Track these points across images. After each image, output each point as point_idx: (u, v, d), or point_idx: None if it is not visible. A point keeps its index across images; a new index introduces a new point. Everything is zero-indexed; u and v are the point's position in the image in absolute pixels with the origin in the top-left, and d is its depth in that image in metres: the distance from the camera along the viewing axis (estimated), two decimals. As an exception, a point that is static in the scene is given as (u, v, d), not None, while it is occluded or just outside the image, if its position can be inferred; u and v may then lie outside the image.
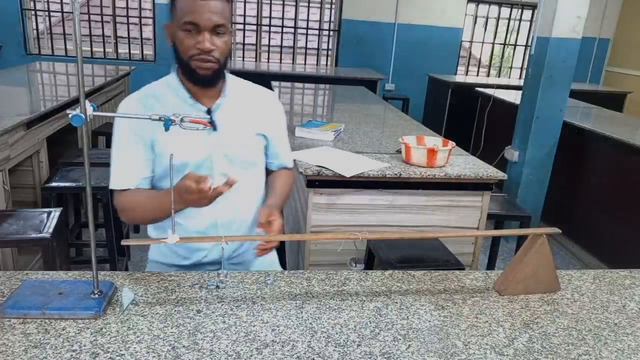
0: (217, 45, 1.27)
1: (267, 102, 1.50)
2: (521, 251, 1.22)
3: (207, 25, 1.24)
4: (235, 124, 1.38)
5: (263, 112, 1.46)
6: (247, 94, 1.46)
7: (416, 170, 2.18)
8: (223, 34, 1.27)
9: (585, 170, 3.72)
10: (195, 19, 1.24)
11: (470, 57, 7.78)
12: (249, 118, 1.41)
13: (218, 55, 1.27)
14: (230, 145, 1.37)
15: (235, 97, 1.40)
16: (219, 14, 1.24)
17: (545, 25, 3.45)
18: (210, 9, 1.23)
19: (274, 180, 1.54)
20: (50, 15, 6.49)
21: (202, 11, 1.23)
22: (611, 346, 1.02)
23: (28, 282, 1.08)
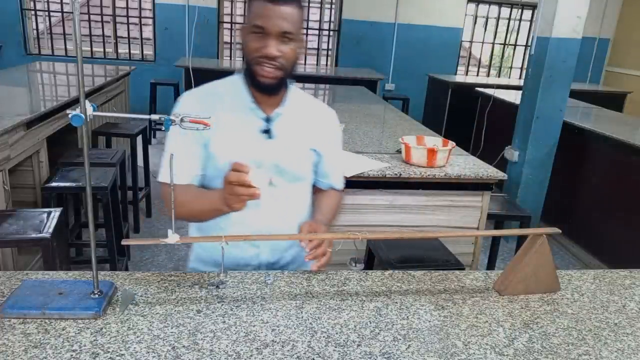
0: (283, 52, 1.23)
1: (326, 119, 1.47)
2: (521, 251, 1.22)
3: (274, 31, 1.21)
4: (291, 136, 1.35)
5: (320, 128, 1.42)
6: (307, 107, 1.43)
7: (416, 170, 2.18)
8: (291, 40, 1.23)
9: (585, 170, 3.72)
10: (264, 23, 1.21)
11: (470, 57, 7.79)
12: (305, 132, 1.38)
13: (283, 62, 1.24)
14: (282, 156, 1.34)
15: (295, 108, 1.37)
16: (288, 21, 1.21)
17: (545, 25, 3.45)
18: (280, 15, 1.20)
19: (321, 199, 1.51)
20: (50, 15, 6.49)
21: (271, 16, 1.20)
22: (611, 346, 1.02)
23: (28, 282, 1.08)
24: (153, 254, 3.21)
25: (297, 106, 1.39)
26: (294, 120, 1.37)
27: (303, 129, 1.38)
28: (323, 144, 1.43)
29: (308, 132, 1.39)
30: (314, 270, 1.24)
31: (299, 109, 1.39)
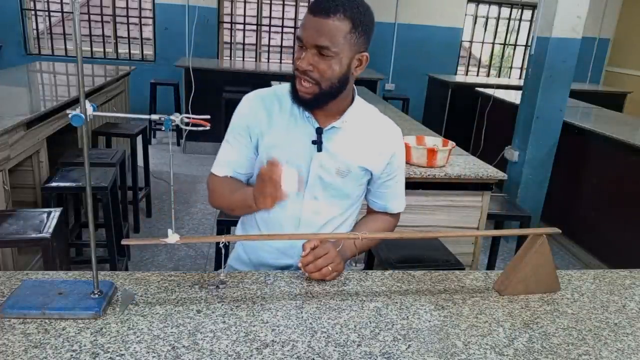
0: (319, 67, 1.17)
1: (387, 138, 1.37)
2: (521, 251, 1.22)
3: (308, 42, 1.16)
4: (341, 151, 1.30)
5: (378, 147, 1.35)
6: (368, 123, 1.35)
7: (416, 170, 2.18)
8: (330, 57, 1.16)
9: (585, 170, 3.72)
10: (302, 34, 1.17)
11: (470, 57, 7.79)
12: (358, 149, 1.32)
13: (317, 77, 1.18)
14: (328, 171, 1.30)
15: (354, 124, 1.32)
16: (324, 35, 1.14)
17: (545, 25, 3.45)
18: (317, 27, 1.14)
19: (366, 221, 1.46)
20: (50, 15, 6.49)
21: (309, 27, 1.16)
22: (611, 346, 1.02)
23: (28, 282, 1.08)
24: (153, 254, 3.21)
25: (357, 122, 1.33)
26: (350, 136, 1.31)
27: (357, 146, 1.32)
28: (378, 164, 1.35)
29: (362, 150, 1.33)
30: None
31: (358, 125, 1.33)
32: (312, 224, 1.35)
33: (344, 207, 1.38)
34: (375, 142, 1.35)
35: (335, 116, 1.30)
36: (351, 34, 1.17)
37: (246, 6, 6.85)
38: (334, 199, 1.35)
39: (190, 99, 4.91)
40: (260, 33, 7.04)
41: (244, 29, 6.94)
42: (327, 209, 1.35)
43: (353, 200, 1.40)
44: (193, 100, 4.89)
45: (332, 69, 1.18)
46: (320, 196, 1.33)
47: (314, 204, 1.34)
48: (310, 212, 1.34)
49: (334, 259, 1.20)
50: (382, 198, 1.44)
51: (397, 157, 1.40)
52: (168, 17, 6.44)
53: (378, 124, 1.38)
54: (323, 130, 1.29)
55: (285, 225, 1.35)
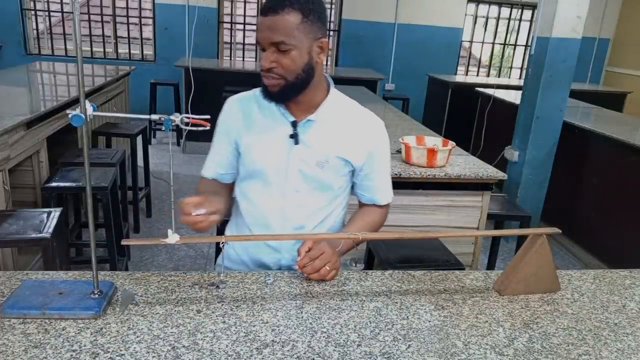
0: (281, 62, 1.21)
1: (367, 128, 1.39)
2: (521, 251, 1.22)
3: (265, 42, 1.21)
4: (318, 143, 1.32)
5: (356, 137, 1.36)
6: (346, 115, 1.37)
7: (416, 170, 2.18)
8: (288, 50, 1.20)
9: (585, 170, 3.72)
10: (258, 37, 1.22)
11: (470, 57, 7.78)
12: (336, 140, 1.34)
13: (282, 72, 1.22)
14: (306, 163, 1.32)
15: (331, 116, 1.34)
16: (277, 31, 1.18)
17: (545, 25, 3.44)
18: (270, 26, 1.19)
19: (356, 216, 1.48)
20: (50, 15, 6.49)
21: (261, 29, 1.21)
22: (611, 346, 1.02)
23: (28, 282, 1.08)
24: (153, 254, 3.21)
25: (333, 113, 1.34)
26: (327, 127, 1.33)
27: (334, 137, 1.34)
28: (358, 154, 1.36)
29: (340, 141, 1.34)
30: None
31: (335, 116, 1.34)
32: (297, 216, 1.37)
33: (327, 199, 1.40)
34: (353, 133, 1.37)
35: (311, 110, 1.33)
36: (303, 23, 1.20)
37: (246, 6, 6.85)
38: (316, 190, 1.37)
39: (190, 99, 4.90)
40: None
41: (244, 29, 6.94)
42: (310, 201, 1.37)
43: (336, 192, 1.41)
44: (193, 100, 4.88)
45: (294, 61, 1.22)
46: (303, 189, 1.35)
47: (297, 196, 1.35)
48: (294, 205, 1.36)
49: (330, 258, 1.21)
50: (368, 190, 1.46)
51: (379, 149, 1.41)
52: (168, 17, 6.44)
53: (357, 116, 1.40)
54: (298, 123, 1.32)
55: (271, 219, 1.37)
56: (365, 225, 1.45)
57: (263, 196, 1.36)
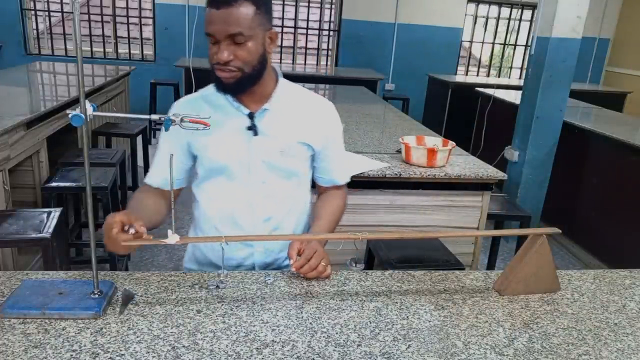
0: (237, 54, 1.20)
1: (320, 112, 1.42)
2: (521, 251, 1.22)
3: (222, 36, 1.19)
4: (278, 131, 1.33)
5: (313, 121, 1.38)
6: (299, 101, 1.39)
7: (416, 170, 2.18)
8: (244, 42, 1.20)
9: (585, 170, 3.72)
10: (211, 29, 1.19)
11: (470, 57, 7.79)
12: (294, 126, 1.35)
13: (239, 64, 1.22)
14: (269, 152, 1.32)
15: (284, 103, 1.35)
16: (234, 23, 1.17)
17: (545, 25, 3.44)
18: (225, 19, 1.17)
19: (321, 204, 1.48)
20: (50, 15, 6.49)
21: (216, 21, 1.18)
22: (611, 346, 1.02)
23: (28, 282, 1.08)
24: (153, 254, 3.21)
25: (287, 101, 1.36)
26: (283, 115, 1.35)
27: (291, 123, 1.36)
28: (316, 137, 1.39)
29: (299, 127, 1.36)
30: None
31: (289, 104, 1.36)
32: (265, 208, 1.36)
33: (293, 187, 1.41)
34: (309, 116, 1.38)
35: (263, 100, 1.33)
36: (257, 14, 1.20)
37: (246, 6, 6.84)
38: (282, 179, 1.37)
39: (190, 99, 4.90)
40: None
41: (244, 29, 6.93)
42: (277, 191, 1.37)
43: (301, 178, 1.42)
44: (193, 100, 4.88)
45: (250, 53, 1.22)
46: (268, 179, 1.35)
47: (263, 188, 1.35)
48: (261, 197, 1.35)
49: (323, 254, 1.23)
50: (327, 172, 1.47)
51: (334, 131, 1.44)
52: (168, 17, 6.44)
53: (309, 101, 1.42)
54: (254, 114, 1.31)
55: (239, 214, 1.36)
56: (334, 211, 1.46)
57: (228, 192, 1.35)
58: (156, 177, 1.38)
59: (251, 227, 1.37)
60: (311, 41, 7.13)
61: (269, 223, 1.38)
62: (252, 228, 1.37)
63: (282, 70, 5.58)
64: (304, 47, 7.13)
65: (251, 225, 1.36)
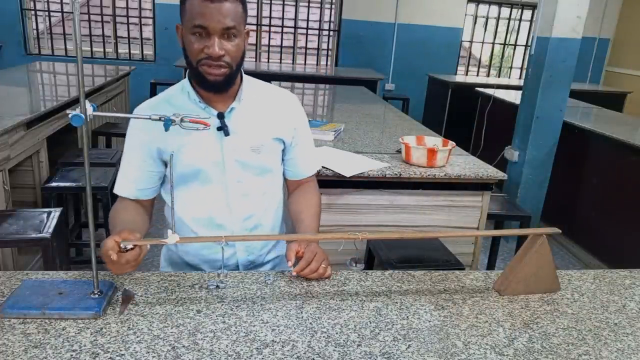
0: (228, 49, 1.20)
1: (286, 105, 1.42)
2: (521, 251, 1.22)
3: (217, 29, 1.17)
4: (249, 129, 1.33)
5: (280, 115, 1.38)
6: (264, 97, 1.38)
7: (416, 170, 2.18)
8: (234, 37, 1.20)
9: (585, 170, 3.72)
10: (204, 22, 1.16)
11: (470, 57, 7.78)
12: (264, 122, 1.35)
13: (229, 60, 1.21)
14: (242, 151, 1.32)
15: (251, 100, 1.34)
16: (229, 17, 1.17)
17: (545, 25, 3.44)
18: (220, 12, 1.16)
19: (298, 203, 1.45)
20: (50, 15, 6.49)
21: (211, 14, 1.16)
22: (611, 346, 1.02)
23: (28, 282, 1.08)
24: (153, 254, 3.19)
25: (253, 98, 1.35)
26: (251, 112, 1.34)
27: (262, 120, 1.35)
28: (286, 131, 1.39)
29: (268, 123, 1.36)
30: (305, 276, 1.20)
31: (255, 100, 1.36)
32: (243, 207, 1.36)
33: (268, 183, 1.40)
34: (277, 111, 1.38)
35: (231, 98, 1.32)
36: (243, 11, 1.22)
37: (246, 6, 6.84)
38: (257, 176, 1.36)
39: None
40: (260, 33, 7.04)
41: (244, 29, 6.93)
42: (253, 189, 1.36)
43: (274, 174, 1.42)
44: (193, 100, 4.88)
45: (239, 49, 1.23)
46: (244, 178, 1.34)
47: (239, 187, 1.34)
48: (238, 196, 1.35)
49: (323, 256, 1.22)
50: (296, 165, 1.46)
51: (301, 123, 1.44)
52: (168, 17, 6.44)
53: (274, 95, 1.42)
54: (224, 114, 1.30)
55: (217, 215, 1.35)
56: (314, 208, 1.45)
57: (203, 196, 1.34)
58: (129, 188, 1.34)
59: (231, 227, 1.36)
60: (311, 41, 7.13)
61: (249, 221, 1.38)
62: (232, 228, 1.36)
63: (282, 70, 5.65)
64: (304, 47, 7.13)
65: (231, 225, 1.36)
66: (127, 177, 1.35)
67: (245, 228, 1.38)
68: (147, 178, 1.34)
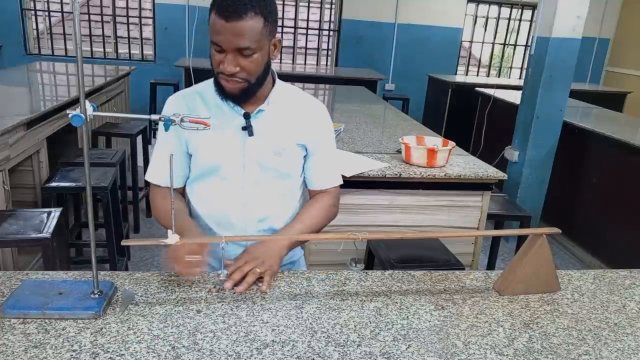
0: (243, 65, 1.19)
1: (313, 113, 1.40)
2: (521, 251, 1.22)
3: (230, 48, 1.17)
4: (274, 132, 1.33)
5: (306, 123, 1.37)
6: (293, 103, 1.39)
7: (416, 170, 2.18)
8: (250, 55, 1.19)
9: (585, 170, 3.72)
10: (219, 40, 1.17)
11: (470, 57, 7.78)
12: (290, 127, 1.35)
13: (245, 76, 1.21)
14: (263, 153, 1.32)
15: (280, 104, 1.35)
16: (243, 36, 1.15)
17: (545, 25, 3.45)
18: (235, 31, 1.15)
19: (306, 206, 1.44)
20: (50, 15, 6.49)
21: (225, 33, 1.15)
22: (611, 346, 1.02)
23: (28, 282, 1.08)
24: (153, 254, 3.21)
25: (282, 102, 1.36)
26: (278, 116, 1.34)
27: (288, 124, 1.35)
28: (310, 139, 1.38)
29: (293, 128, 1.35)
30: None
31: (284, 105, 1.36)
32: (259, 208, 1.36)
33: (287, 187, 1.40)
34: (303, 117, 1.38)
35: (260, 100, 1.32)
36: (265, 27, 1.18)
37: (246, 6, 6.84)
38: (276, 180, 1.36)
39: (190, 99, 4.90)
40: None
41: (244, 29, 6.93)
42: (270, 192, 1.36)
43: (294, 179, 1.41)
44: (193, 100, 4.88)
45: (257, 64, 1.21)
46: (261, 180, 1.34)
47: (257, 188, 1.34)
48: (255, 198, 1.35)
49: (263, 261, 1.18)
50: (315, 175, 1.44)
51: (326, 132, 1.43)
52: (168, 17, 6.44)
53: (303, 101, 1.42)
54: (250, 114, 1.30)
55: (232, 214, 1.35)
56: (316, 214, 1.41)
57: (221, 193, 1.34)
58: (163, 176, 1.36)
59: (244, 227, 1.36)
60: (311, 41, 7.13)
61: (263, 223, 1.38)
62: (246, 228, 1.36)
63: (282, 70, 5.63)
64: (304, 47, 7.13)
65: (244, 225, 1.36)
66: (161, 165, 1.36)
67: (259, 230, 1.38)
68: (181, 165, 1.36)
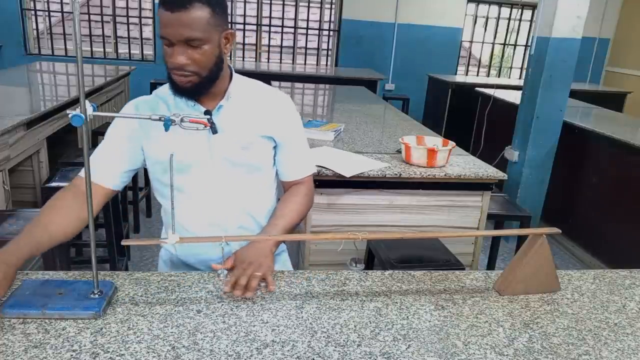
0: (194, 58, 1.18)
1: (276, 104, 1.40)
2: (521, 251, 1.22)
3: (177, 39, 1.16)
4: (238, 127, 1.32)
5: (270, 114, 1.36)
6: (254, 95, 1.38)
7: (416, 170, 2.18)
8: (199, 46, 1.17)
9: (585, 170, 3.72)
10: (167, 33, 1.15)
11: (470, 57, 7.78)
12: (253, 120, 1.34)
13: (195, 69, 1.19)
14: (230, 149, 1.31)
15: (241, 98, 1.34)
16: (190, 27, 1.14)
17: (545, 25, 3.44)
18: (181, 22, 1.13)
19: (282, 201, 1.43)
20: (50, 15, 6.49)
21: (171, 25, 1.14)
22: (611, 346, 1.02)
23: (28, 282, 1.08)
24: (153, 254, 3.21)
25: (242, 96, 1.34)
26: (240, 110, 1.33)
27: (251, 118, 1.34)
28: (276, 130, 1.37)
29: (257, 121, 1.34)
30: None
31: (245, 99, 1.35)
32: (234, 204, 1.35)
33: (259, 181, 1.39)
34: (266, 110, 1.37)
35: (219, 96, 1.31)
36: (212, 17, 1.18)
37: (246, 6, 6.85)
38: (246, 174, 1.36)
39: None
40: (260, 33, 7.04)
41: (244, 29, 6.94)
42: (242, 187, 1.36)
43: (267, 172, 1.40)
44: (193, 100, 4.88)
45: (207, 56, 1.20)
46: (232, 175, 1.33)
47: (230, 185, 1.34)
48: (229, 194, 1.34)
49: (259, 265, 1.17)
50: (286, 166, 1.44)
51: (290, 121, 1.42)
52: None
53: (264, 93, 1.40)
54: (212, 111, 1.29)
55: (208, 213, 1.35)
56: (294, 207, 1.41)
57: (195, 193, 1.33)
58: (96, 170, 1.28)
59: (225, 225, 1.36)
60: (311, 41, 7.13)
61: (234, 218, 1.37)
62: (226, 226, 1.36)
63: (282, 70, 5.64)
64: (304, 47, 7.13)
65: (224, 223, 1.36)
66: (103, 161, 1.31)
67: (239, 226, 1.38)
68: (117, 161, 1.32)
